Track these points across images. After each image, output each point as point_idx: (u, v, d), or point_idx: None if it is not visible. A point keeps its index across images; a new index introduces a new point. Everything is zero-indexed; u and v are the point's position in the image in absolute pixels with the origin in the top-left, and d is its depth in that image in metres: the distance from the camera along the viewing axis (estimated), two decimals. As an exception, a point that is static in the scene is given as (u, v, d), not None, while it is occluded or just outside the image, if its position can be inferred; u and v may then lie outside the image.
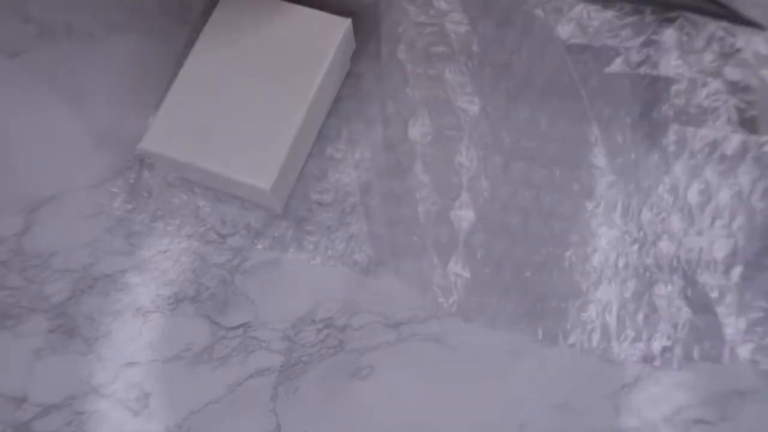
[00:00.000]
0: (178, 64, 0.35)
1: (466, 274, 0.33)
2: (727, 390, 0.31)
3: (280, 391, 0.32)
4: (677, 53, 0.33)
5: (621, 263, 0.32)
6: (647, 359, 0.31)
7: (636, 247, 0.32)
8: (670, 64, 0.33)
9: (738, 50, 0.33)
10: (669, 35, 0.33)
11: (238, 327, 0.33)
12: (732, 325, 0.31)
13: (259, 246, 0.34)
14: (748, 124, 0.33)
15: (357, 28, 0.36)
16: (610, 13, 0.34)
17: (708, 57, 0.33)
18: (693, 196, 0.32)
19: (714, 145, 0.33)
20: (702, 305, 0.31)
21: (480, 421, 0.31)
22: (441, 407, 0.31)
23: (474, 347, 0.32)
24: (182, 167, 0.33)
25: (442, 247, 0.33)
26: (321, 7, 0.34)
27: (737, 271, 0.31)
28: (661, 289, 0.31)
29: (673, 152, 0.33)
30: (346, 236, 0.34)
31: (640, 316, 0.31)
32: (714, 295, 0.31)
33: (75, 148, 0.36)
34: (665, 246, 0.32)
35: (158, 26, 0.39)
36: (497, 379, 0.32)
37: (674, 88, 0.33)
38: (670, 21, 0.33)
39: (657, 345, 0.31)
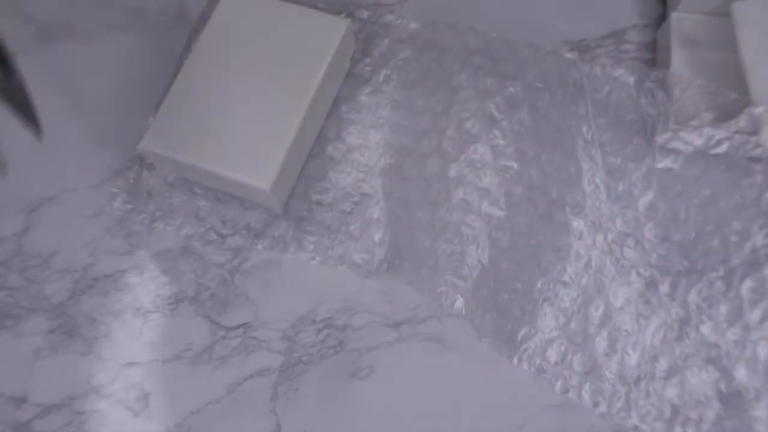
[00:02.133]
0: (178, 64, 0.35)
1: (469, 282, 0.33)
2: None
3: (280, 391, 0.32)
4: None
5: (658, 339, 0.31)
6: None
7: (677, 325, 0.31)
8: None
9: None
10: None
11: (238, 327, 0.33)
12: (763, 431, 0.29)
13: (259, 246, 0.34)
14: None
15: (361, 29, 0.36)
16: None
17: None
18: (746, 290, 0.32)
19: None
20: (734, 403, 0.30)
21: (480, 421, 0.31)
22: (441, 407, 0.31)
23: (474, 347, 0.32)
24: (182, 167, 0.33)
25: (450, 255, 0.33)
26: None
27: None
28: (693, 375, 0.31)
29: (735, 243, 0.32)
30: (346, 236, 0.34)
31: (668, 395, 0.30)
32: (749, 396, 0.30)
33: (75, 148, 0.36)
34: (707, 332, 0.31)
35: (158, 26, 0.39)
36: (497, 378, 0.32)
37: None
38: None
39: (679, 430, 0.30)
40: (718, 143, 0.33)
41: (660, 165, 0.34)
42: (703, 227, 0.33)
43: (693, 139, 0.33)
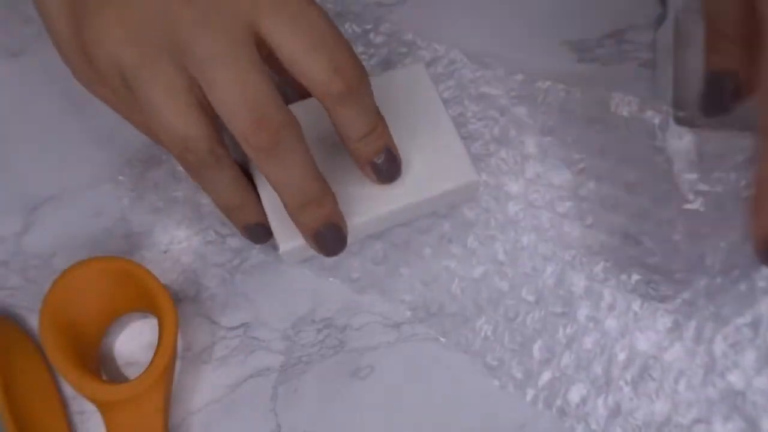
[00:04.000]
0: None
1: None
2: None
3: (280, 391, 0.32)
4: None
5: (682, 385, 0.31)
6: None
7: (702, 372, 0.31)
8: None
9: None
10: None
11: (238, 327, 0.33)
12: None
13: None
14: None
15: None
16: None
17: None
18: None
19: None
20: None
21: (480, 421, 0.31)
22: (441, 407, 0.31)
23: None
24: None
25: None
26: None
27: None
28: (719, 424, 0.30)
29: (762, 288, 0.32)
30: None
31: None
32: None
33: (75, 147, 0.36)
34: (733, 379, 0.30)
35: (158, 26, 0.39)
36: (497, 379, 0.32)
37: None
38: None
39: None
40: (747, 186, 0.33)
41: (686, 207, 0.33)
42: (730, 271, 0.32)
43: (721, 181, 0.33)
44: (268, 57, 0.24)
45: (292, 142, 0.24)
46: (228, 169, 0.26)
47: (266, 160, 0.24)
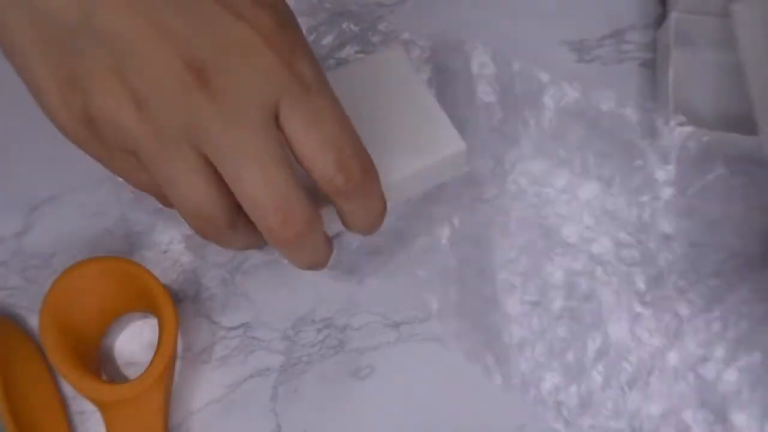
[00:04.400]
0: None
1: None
2: (726, 390, 0.31)
3: (280, 391, 0.32)
4: None
5: (655, 377, 0.31)
6: None
7: (675, 365, 0.31)
8: None
9: None
10: None
11: (238, 327, 0.33)
12: None
13: (259, 246, 0.34)
14: None
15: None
16: None
17: None
18: (743, 332, 0.31)
19: None
20: None
21: (480, 421, 0.31)
22: (441, 407, 0.31)
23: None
24: None
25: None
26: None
27: None
28: (689, 416, 0.30)
29: (730, 283, 0.32)
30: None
31: None
32: None
33: (75, 147, 0.36)
34: (704, 373, 0.31)
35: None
36: (497, 379, 0.32)
37: None
38: None
39: None
40: (745, 187, 0.33)
41: (684, 207, 0.34)
42: (700, 269, 0.33)
43: (719, 181, 0.33)
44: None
45: (314, 235, 0.25)
46: (244, 229, 0.26)
47: (286, 250, 0.25)
